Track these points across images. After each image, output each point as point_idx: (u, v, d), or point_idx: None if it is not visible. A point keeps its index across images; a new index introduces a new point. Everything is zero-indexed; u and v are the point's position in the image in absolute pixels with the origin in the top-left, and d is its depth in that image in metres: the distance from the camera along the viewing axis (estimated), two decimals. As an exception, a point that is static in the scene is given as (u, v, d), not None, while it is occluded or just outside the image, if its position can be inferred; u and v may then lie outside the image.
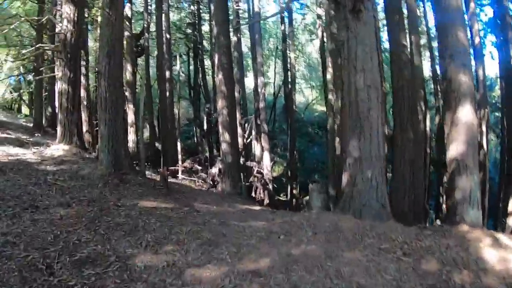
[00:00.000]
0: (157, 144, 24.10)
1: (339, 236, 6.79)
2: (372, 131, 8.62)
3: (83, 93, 17.29)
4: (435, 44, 19.26)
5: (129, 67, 19.60)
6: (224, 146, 14.86)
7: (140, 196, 8.70)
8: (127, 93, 19.00)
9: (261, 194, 19.96)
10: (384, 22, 17.83)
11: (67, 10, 12.01)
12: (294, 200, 25.16)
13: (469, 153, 8.73)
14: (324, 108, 40.81)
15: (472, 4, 17.03)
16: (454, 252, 6.07)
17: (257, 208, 11.02)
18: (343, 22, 8.65)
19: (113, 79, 9.79)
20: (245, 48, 32.92)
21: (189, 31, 28.30)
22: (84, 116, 17.47)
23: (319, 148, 34.40)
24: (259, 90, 21.88)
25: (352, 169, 8.73)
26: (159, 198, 8.91)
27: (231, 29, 18.05)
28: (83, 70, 17.31)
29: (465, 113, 8.74)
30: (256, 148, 23.03)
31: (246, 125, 21.40)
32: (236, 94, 19.03)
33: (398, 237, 6.67)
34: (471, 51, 13.71)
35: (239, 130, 19.10)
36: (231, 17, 19.53)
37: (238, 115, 18.76)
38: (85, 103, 18.40)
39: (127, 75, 19.29)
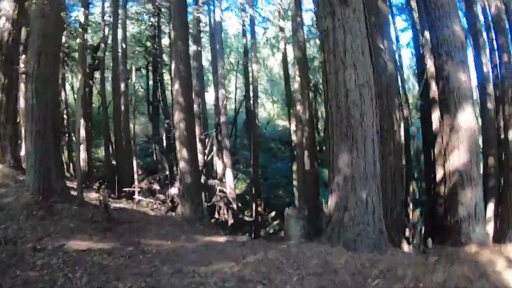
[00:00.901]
0: (114, 162, 21.78)
1: (334, 280, 5.01)
2: (366, 141, 6.94)
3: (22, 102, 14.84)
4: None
5: (80, 78, 17.45)
6: (182, 164, 12.78)
7: (71, 232, 6.60)
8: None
9: (225, 215, 18.06)
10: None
11: (6, 6, 9.94)
12: (259, 217, 23.20)
13: (473, 163, 7.91)
14: (286, 123, 39.64)
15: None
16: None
17: (222, 239, 8.99)
18: (327, 8, 6.73)
19: (43, 83, 7.67)
20: (205, 63, 31.11)
21: (148, 44, 26.14)
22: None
23: (282, 163, 32.76)
24: (220, 103, 20.01)
25: (342, 190, 7.01)
26: (96, 234, 6.86)
27: (190, 42, 16.11)
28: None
29: (466, 117, 7.70)
30: (218, 165, 21.06)
31: (206, 140, 19.42)
32: (196, 107, 17.10)
33: (407, 272, 5.24)
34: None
35: (199, 146, 17.02)
36: (191, 30, 17.53)
37: (197, 130, 16.69)
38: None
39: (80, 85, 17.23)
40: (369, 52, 7.05)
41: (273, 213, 28.49)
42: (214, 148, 20.31)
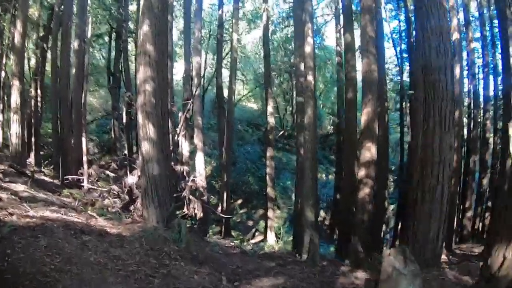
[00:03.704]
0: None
1: None
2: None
3: None
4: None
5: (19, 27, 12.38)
6: (146, 146, 8.12)
7: None
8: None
9: (195, 209, 13.58)
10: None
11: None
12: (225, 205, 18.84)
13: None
14: (254, 105, 35.37)
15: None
16: None
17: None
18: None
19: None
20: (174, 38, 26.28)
21: (113, 8, 20.88)
22: None
23: (251, 148, 28.46)
24: (194, 73, 15.32)
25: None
26: None
27: None
28: None
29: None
30: (184, 147, 16.35)
31: (180, 115, 14.78)
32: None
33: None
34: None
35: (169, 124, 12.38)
36: None
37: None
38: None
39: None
40: None
41: (239, 201, 24.50)
42: (179, 127, 15.64)
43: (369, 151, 12.05)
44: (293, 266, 8.29)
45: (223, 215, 16.64)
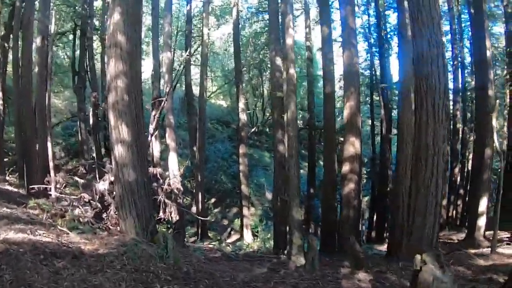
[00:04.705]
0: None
1: None
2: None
3: None
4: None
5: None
6: (119, 149, 7.10)
7: None
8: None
9: (171, 213, 12.63)
10: None
11: None
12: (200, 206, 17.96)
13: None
14: (223, 102, 34.47)
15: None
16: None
17: None
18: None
19: None
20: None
21: (78, 4, 19.42)
22: None
23: (222, 145, 27.60)
24: (164, 69, 14.33)
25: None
26: None
27: None
28: None
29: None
30: (155, 147, 15.29)
31: (153, 114, 13.72)
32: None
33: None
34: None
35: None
36: None
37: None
38: None
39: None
40: None
41: (213, 200, 23.64)
42: (151, 126, 14.59)
43: (353, 146, 11.58)
44: (288, 271, 7.63)
45: (199, 217, 15.77)
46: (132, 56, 7.12)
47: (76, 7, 19.38)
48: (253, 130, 28.37)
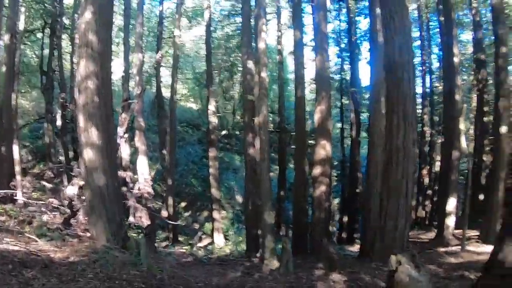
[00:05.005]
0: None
1: None
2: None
3: None
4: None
5: None
6: (89, 153, 6.87)
7: None
8: None
9: (141, 217, 12.37)
10: None
11: None
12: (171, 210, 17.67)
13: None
14: (193, 105, 34.03)
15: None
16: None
17: None
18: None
19: None
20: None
21: (48, 2, 18.72)
22: None
23: (192, 149, 27.30)
24: (135, 71, 14.09)
25: None
26: None
27: None
28: None
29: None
30: (124, 150, 14.98)
31: (122, 116, 13.42)
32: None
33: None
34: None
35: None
36: None
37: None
38: None
39: None
40: None
41: (183, 204, 23.31)
42: (120, 129, 14.25)
43: (324, 149, 11.66)
44: (262, 274, 7.58)
45: (171, 222, 15.51)
46: (103, 57, 6.93)
47: (46, 5, 18.66)
48: (223, 133, 28.22)
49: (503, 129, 11.27)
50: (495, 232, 10.09)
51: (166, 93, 22.27)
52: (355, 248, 14.42)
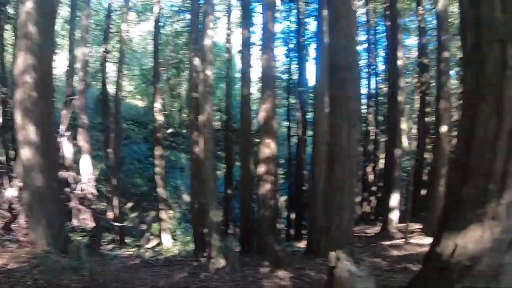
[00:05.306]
0: None
1: None
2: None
3: None
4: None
5: None
6: (26, 152, 6.55)
7: None
8: None
9: (85, 220, 11.93)
10: None
11: None
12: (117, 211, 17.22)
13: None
14: (139, 102, 33.20)
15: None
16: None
17: None
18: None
19: None
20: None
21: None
22: None
23: (138, 147, 26.65)
24: (79, 65, 13.56)
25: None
26: None
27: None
28: None
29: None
30: (67, 149, 14.33)
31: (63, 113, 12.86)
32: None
33: None
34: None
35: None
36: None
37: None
38: None
39: None
40: None
41: (130, 204, 22.72)
42: (62, 127, 13.62)
43: (269, 147, 11.75)
44: (208, 274, 7.55)
45: (116, 223, 15.05)
46: (43, 49, 6.60)
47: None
48: (169, 131, 27.79)
49: (443, 128, 11.94)
50: (436, 225, 10.62)
51: (112, 89, 21.53)
52: (303, 244, 14.71)
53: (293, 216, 22.15)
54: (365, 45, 23.70)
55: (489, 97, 3.39)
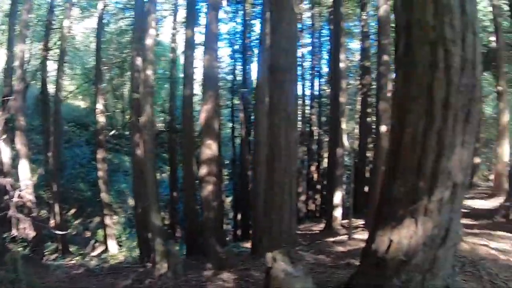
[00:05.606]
0: None
1: None
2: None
3: None
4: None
5: None
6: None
7: None
8: None
9: (25, 229, 11.42)
10: None
11: None
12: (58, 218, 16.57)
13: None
14: (82, 103, 31.93)
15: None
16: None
17: None
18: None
19: None
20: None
21: None
22: None
23: (80, 150, 25.71)
24: (17, 63, 12.96)
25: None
26: None
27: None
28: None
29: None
30: (3, 153, 13.65)
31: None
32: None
33: None
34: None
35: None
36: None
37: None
38: None
39: None
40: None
41: (73, 211, 21.88)
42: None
43: (210, 149, 11.84)
44: (153, 280, 7.50)
45: (58, 232, 14.43)
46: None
47: None
48: (112, 133, 27.02)
49: (383, 128, 12.39)
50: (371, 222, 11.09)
51: (52, 89, 20.57)
52: (249, 244, 14.86)
53: (239, 216, 22.32)
54: (310, 48, 24.49)
55: (419, 98, 3.55)
